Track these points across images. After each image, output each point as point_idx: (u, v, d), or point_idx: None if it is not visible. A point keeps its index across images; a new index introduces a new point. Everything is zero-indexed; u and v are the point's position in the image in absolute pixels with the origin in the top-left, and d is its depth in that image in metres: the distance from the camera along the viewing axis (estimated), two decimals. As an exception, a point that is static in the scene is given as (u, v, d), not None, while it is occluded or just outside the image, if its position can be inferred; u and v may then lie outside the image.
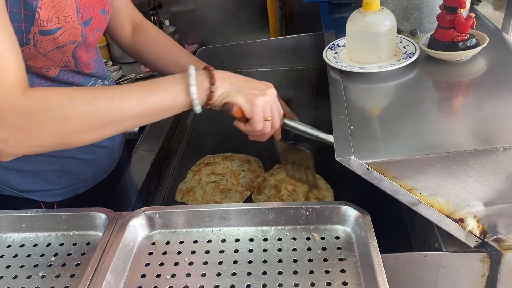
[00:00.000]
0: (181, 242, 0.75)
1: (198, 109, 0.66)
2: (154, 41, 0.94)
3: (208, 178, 1.03)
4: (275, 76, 1.52)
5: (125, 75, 1.62)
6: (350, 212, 0.74)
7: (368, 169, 0.67)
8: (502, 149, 0.65)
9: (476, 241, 0.72)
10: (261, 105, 0.68)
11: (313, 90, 1.41)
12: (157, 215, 0.77)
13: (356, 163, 0.67)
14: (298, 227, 0.76)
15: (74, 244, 0.77)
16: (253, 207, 0.77)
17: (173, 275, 0.69)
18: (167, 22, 1.69)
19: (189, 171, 1.07)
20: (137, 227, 0.76)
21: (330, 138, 0.92)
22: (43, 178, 0.87)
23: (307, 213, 0.75)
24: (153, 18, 1.66)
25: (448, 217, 0.69)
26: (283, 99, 0.89)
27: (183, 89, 0.64)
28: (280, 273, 0.68)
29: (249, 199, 0.98)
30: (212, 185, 1.01)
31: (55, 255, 0.75)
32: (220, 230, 0.77)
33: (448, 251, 0.72)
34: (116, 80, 1.60)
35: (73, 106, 0.59)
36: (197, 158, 1.12)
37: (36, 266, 0.73)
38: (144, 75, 1.65)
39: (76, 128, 0.59)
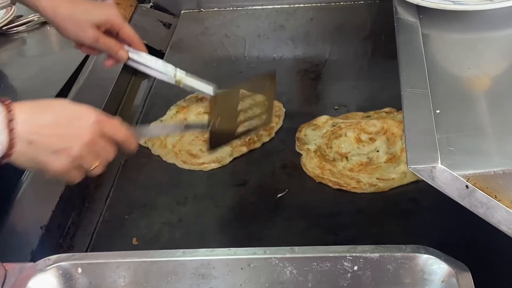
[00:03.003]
0: (124, 320, 0.76)
1: None
2: None
3: (197, 120, 1.19)
4: (297, 19, 1.53)
5: (22, 16, 1.62)
6: (435, 267, 0.74)
7: (467, 187, 0.67)
8: None
9: None
10: (63, 170, 0.83)
11: (366, 44, 1.43)
12: (80, 270, 0.78)
13: (445, 175, 0.67)
14: (339, 293, 0.76)
15: None
16: (256, 256, 0.77)
17: None
18: None
19: (173, 106, 1.28)
20: (43, 290, 0.77)
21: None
22: None
23: (356, 268, 0.76)
24: None
25: None
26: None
27: None
28: None
29: (242, 162, 1.05)
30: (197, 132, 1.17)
31: None
32: (195, 297, 0.77)
33: None
34: (5, 25, 1.60)
35: None
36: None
37: None
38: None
39: None
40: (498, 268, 0.87)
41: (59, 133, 0.82)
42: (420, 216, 1.00)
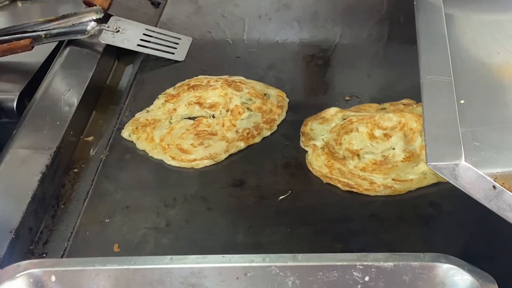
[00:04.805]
0: (103, 334, 0.77)
1: None
2: None
3: (187, 110, 1.24)
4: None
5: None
6: (457, 278, 0.74)
7: (495, 187, 0.67)
8: None
9: None
10: None
11: (382, 26, 1.44)
12: (53, 278, 0.78)
13: (470, 174, 0.67)
14: (348, 306, 0.77)
15: None
16: (253, 264, 0.77)
17: None
18: None
19: (161, 95, 1.30)
20: (12, 300, 0.77)
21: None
22: None
23: (367, 278, 0.76)
24: None
25: None
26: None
27: None
28: None
29: (239, 160, 1.04)
30: (188, 124, 1.21)
31: None
32: (184, 310, 0.78)
33: None
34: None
35: None
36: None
37: None
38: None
39: None
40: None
41: None
42: (441, 222, 1.00)
